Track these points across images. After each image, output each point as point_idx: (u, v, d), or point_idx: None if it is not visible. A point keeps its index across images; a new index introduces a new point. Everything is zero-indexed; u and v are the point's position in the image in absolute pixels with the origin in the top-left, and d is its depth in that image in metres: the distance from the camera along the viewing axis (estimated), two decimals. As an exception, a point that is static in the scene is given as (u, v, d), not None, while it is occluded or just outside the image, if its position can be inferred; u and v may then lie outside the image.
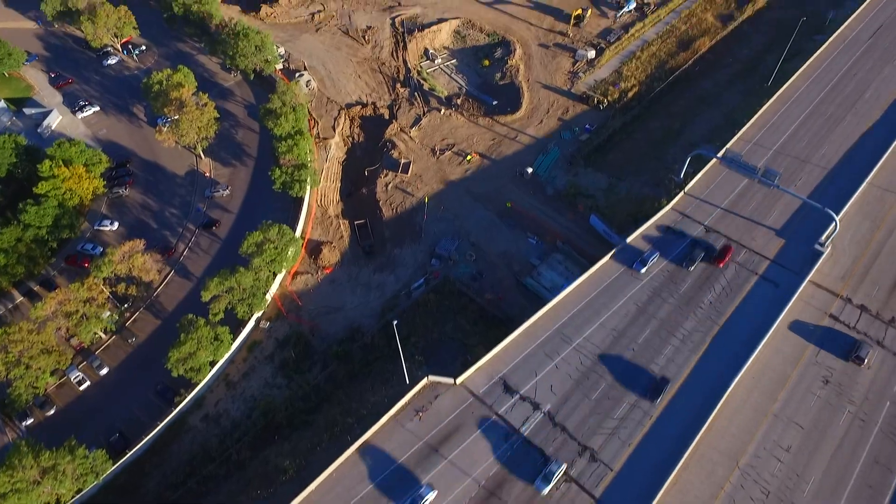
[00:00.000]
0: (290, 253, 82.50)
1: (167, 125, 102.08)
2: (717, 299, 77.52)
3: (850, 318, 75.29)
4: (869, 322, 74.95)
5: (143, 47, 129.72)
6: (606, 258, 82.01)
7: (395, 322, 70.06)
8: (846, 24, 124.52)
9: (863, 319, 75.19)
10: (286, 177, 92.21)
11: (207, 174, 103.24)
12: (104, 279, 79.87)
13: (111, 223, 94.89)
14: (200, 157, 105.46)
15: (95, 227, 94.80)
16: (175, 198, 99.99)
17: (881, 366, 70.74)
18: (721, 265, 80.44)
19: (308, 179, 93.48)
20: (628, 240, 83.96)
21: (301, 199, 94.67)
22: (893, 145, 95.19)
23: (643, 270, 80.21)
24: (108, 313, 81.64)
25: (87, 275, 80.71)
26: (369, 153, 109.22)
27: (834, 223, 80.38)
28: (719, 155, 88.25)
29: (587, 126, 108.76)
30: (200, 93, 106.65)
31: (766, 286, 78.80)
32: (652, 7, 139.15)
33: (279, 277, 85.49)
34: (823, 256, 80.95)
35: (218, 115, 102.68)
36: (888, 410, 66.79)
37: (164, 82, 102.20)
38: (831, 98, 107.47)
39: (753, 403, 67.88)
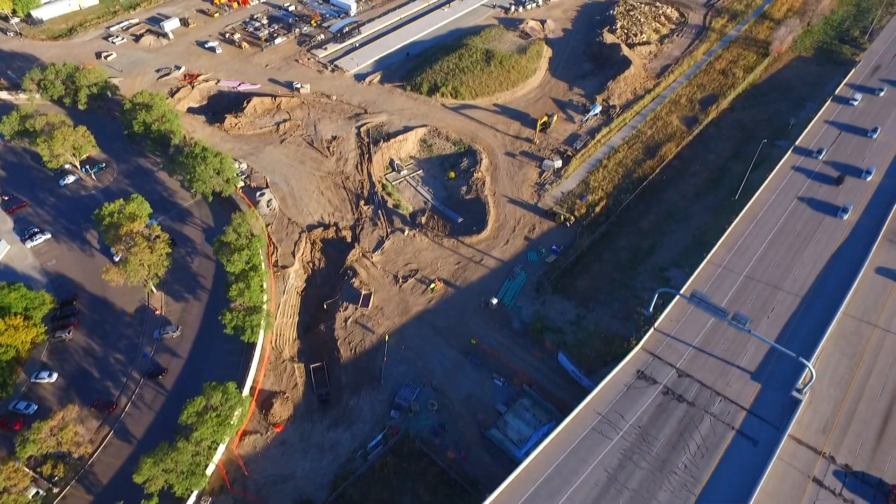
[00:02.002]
0: (236, 417, 76.72)
1: (116, 262, 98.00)
2: (692, 462, 72.39)
3: (835, 483, 70.28)
4: (856, 486, 69.92)
5: (103, 164, 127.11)
6: (574, 413, 76.95)
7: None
8: (807, 129, 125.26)
9: (849, 483, 70.19)
10: (238, 321, 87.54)
11: (158, 311, 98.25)
12: (28, 457, 73.29)
13: (49, 375, 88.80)
14: (152, 292, 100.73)
15: (32, 380, 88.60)
16: (122, 340, 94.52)
17: (872, 544, 65.43)
18: None
19: (261, 323, 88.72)
20: (596, 390, 79.30)
21: (253, 345, 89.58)
22: (863, 269, 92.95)
23: None
24: (36, 490, 74.71)
25: (11, 452, 74.09)
26: (330, 280, 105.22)
27: (809, 371, 76.56)
28: (687, 294, 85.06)
29: (554, 247, 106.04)
30: (154, 224, 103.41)
31: (744, 444, 73.97)
32: (617, 110, 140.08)
33: (224, 444, 79.13)
34: (802, 406, 76.72)
35: (170, 250, 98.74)
36: None
37: (116, 214, 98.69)
38: (798, 213, 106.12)
39: None
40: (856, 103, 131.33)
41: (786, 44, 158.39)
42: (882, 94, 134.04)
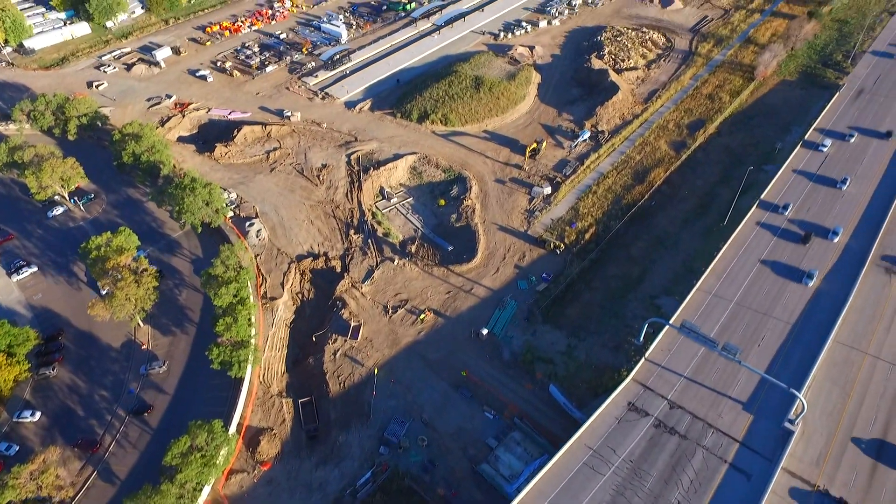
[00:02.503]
0: (222, 456, 75.34)
1: (103, 296, 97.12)
2: (685, 498, 71.36)
3: (829, 517, 69.45)
4: (850, 521, 69.13)
5: (92, 195, 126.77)
6: (565, 448, 76.00)
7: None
8: (794, 153, 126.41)
9: (843, 518, 69.37)
10: (225, 356, 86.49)
11: (144, 346, 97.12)
12: (8, 502, 71.51)
13: (32, 414, 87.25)
14: (139, 326, 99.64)
15: (14, 419, 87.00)
16: (107, 376, 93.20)
17: (868, 581, 64.34)
18: None
19: (249, 358, 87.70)
20: (587, 423, 78.47)
21: (241, 380, 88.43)
22: (851, 296, 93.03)
23: None
24: (14, 537, 72.80)
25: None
26: (319, 311, 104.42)
27: (800, 403, 76.08)
28: (677, 324, 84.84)
29: (544, 275, 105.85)
30: (142, 256, 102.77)
31: (738, 478, 73.05)
32: (606, 135, 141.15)
33: (209, 485, 77.51)
34: (794, 437, 76.07)
35: (157, 284, 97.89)
36: None
37: (104, 248, 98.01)
38: (786, 239, 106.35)
39: None
40: (825, 149, 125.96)
41: (770, 68, 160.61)
42: (852, 140, 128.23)
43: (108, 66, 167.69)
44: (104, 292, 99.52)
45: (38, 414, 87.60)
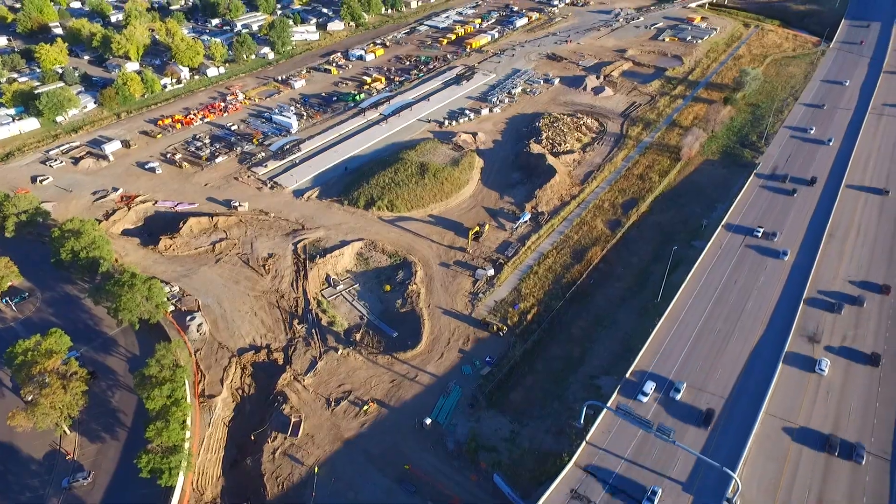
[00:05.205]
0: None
1: (25, 404, 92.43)
2: (629, 592, 69.92)
3: None
4: None
5: (26, 294, 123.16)
6: (508, 544, 74.27)
7: None
8: (718, 229, 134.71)
9: None
10: (155, 464, 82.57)
11: (70, 455, 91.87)
12: None
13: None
14: (65, 434, 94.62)
15: (-86, 550, 79.61)
16: (24, 492, 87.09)
17: None
18: None
19: (181, 464, 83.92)
20: (531, 515, 77.32)
21: (172, 489, 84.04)
22: (778, 370, 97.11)
23: None
24: None
25: None
26: (260, 408, 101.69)
27: (735, 482, 77.22)
28: (613, 407, 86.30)
29: (487, 359, 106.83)
30: (72, 359, 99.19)
31: (680, 566, 72.32)
32: (545, 217, 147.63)
33: None
34: (733, 517, 76.49)
35: (87, 388, 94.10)
36: None
37: (31, 352, 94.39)
38: (717, 313, 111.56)
39: None
40: (645, 400, 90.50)
41: (694, 149, 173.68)
42: (679, 394, 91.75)
43: (55, 160, 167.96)
44: (28, 399, 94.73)
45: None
